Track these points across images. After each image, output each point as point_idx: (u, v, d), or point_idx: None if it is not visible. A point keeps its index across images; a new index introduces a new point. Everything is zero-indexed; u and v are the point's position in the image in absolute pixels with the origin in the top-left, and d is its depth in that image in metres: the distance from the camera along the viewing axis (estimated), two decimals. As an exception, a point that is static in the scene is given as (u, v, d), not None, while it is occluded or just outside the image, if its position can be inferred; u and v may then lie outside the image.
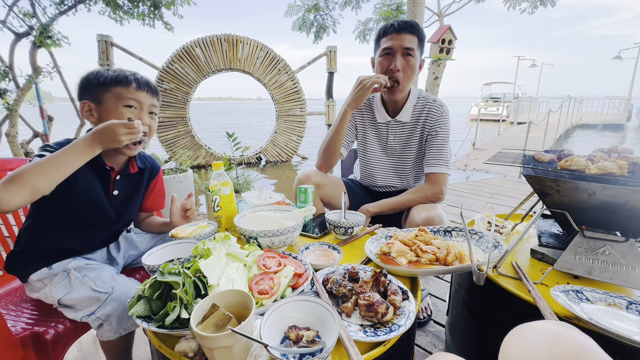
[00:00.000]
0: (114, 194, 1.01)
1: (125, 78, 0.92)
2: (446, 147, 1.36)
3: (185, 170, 2.86)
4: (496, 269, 0.88)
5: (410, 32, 1.26)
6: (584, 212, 0.82)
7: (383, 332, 0.64)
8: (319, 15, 9.57)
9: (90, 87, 0.93)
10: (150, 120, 0.99)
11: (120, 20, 4.65)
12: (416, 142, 1.42)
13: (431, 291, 1.69)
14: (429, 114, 1.38)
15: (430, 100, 1.39)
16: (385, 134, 1.47)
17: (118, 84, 0.92)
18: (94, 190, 0.96)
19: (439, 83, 4.88)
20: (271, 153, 6.61)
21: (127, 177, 1.03)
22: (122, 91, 0.92)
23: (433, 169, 1.35)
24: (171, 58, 5.53)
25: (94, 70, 0.95)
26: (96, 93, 0.92)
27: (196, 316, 0.57)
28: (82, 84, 0.94)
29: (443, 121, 1.37)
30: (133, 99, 0.93)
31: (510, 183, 4.16)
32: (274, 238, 0.93)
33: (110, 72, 0.94)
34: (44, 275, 0.91)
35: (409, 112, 1.40)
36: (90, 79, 0.93)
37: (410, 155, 1.45)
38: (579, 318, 0.65)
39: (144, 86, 0.95)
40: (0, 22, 3.31)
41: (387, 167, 1.51)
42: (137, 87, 0.93)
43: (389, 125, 1.45)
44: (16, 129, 4.12)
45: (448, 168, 1.35)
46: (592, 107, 16.29)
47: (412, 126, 1.41)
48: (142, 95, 0.94)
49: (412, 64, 1.29)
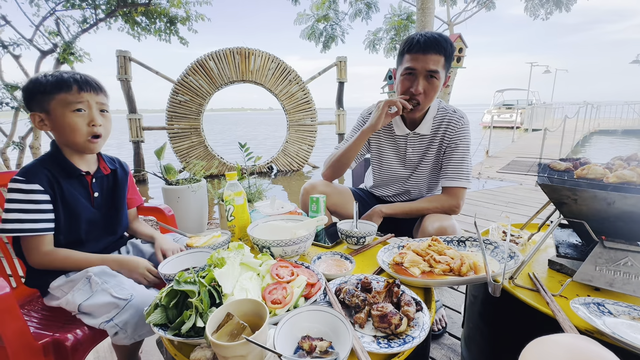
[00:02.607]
0: (94, 196, 1.04)
1: (65, 82, 0.89)
2: (466, 159, 1.33)
3: (199, 180, 2.92)
4: (512, 280, 0.86)
5: (437, 51, 1.17)
6: (603, 221, 0.79)
7: (397, 344, 0.63)
8: (328, 25, 9.73)
9: (33, 97, 0.91)
10: (103, 119, 0.96)
11: (138, 36, 4.83)
12: (434, 153, 1.40)
13: (446, 303, 1.66)
14: (448, 125, 1.35)
15: (450, 111, 1.36)
16: (403, 147, 1.45)
17: (60, 90, 0.89)
18: (78, 196, 0.99)
19: (450, 91, 4.85)
20: (282, 162, 6.67)
21: (101, 179, 1.07)
22: (66, 96, 0.89)
23: (452, 183, 1.31)
24: (186, 71, 5.70)
25: (33, 79, 0.91)
26: (41, 103, 0.90)
27: (211, 325, 0.58)
28: (25, 95, 0.92)
29: (463, 133, 1.33)
30: (79, 101, 0.91)
31: (526, 191, 4.06)
32: (287, 247, 0.94)
33: (49, 77, 0.90)
34: (62, 282, 0.94)
35: (428, 125, 1.37)
36: (31, 89, 0.90)
37: (427, 166, 1.44)
38: (601, 332, 0.63)
39: (86, 86, 0.92)
40: (28, 41, 3.49)
41: (404, 178, 1.50)
42: (78, 88, 0.91)
43: (407, 138, 1.42)
44: (39, 141, 4.29)
45: (468, 182, 1.31)
46: (610, 113, 15.88)
47: (431, 138, 1.39)
48: (87, 96, 0.92)
49: (435, 85, 1.22)
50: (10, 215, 0.87)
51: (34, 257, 0.92)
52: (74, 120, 0.91)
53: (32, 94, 0.91)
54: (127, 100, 5.56)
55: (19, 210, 0.88)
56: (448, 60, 1.22)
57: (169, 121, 5.78)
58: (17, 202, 0.88)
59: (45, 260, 0.93)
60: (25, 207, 0.88)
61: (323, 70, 6.60)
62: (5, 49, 3.28)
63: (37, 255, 0.92)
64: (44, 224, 0.91)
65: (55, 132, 0.95)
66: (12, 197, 0.88)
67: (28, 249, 0.92)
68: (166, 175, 2.84)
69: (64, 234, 0.97)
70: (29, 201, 0.89)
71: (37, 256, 0.92)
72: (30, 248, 0.92)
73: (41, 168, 0.93)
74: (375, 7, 9.36)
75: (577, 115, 8.67)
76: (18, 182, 0.89)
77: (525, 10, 8.58)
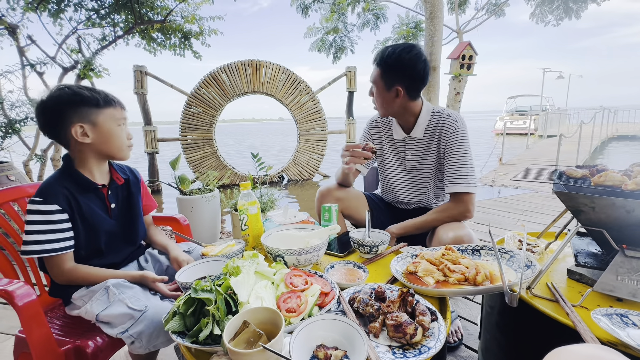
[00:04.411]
0: (112, 207, 1.07)
1: (112, 99, 1.02)
2: (465, 163, 1.30)
3: (212, 190, 2.97)
4: (530, 290, 0.84)
5: (376, 63, 1.33)
6: (623, 230, 0.78)
7: (412, 354, 0.63)
8: (337, 37, 9.88)
9: (76, 109, 0.96)
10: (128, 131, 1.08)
11: (154, 51, 5.02)
12: (433, 158, 1.41)
13: (461, 314, 1.62)
14: (442, 129, 1.35)
15: (444, 115, 1.36)
16: (402, 151, 1.48)
17: (109, 105, 1.00)
18: (96, 209, 1.03)
19: (460, 98, 4.83)
20: (293, 172, 6.72)
21: (116, 190, 1.10)
22: (114, 112, 1.01)
23: (453, 189, 1.30)
24: (199, 84, 5.86)
25: (75, 93, 0.96)
26: (88, 115, 0.96)
27: (228, 332, 0.59)
28: (60, 106, 0.95)
29: (458, 136, 1.32)
30: (122, 117, 1.04)
31: (542, 199, 3.97)
32: (300, 256, 0.95)
33: (97, 94, 0.99)
34: (83, 293, 0.97)
35: (421, 129, 1.39)
36: (76, 101, 0.95)
37: (429, 171, 1.44)
38: (625, 344, 0.61)
39: (122, 104, 1.06)
40: (51, 59, 3.67)
41: (407, 183, 1.51)
42: (121, 107, 1.04)
43: (405, 142, 1.46)
44: (60, 153, 4.46)
45: (469, 186, 1.28)
46: (629, 117, 15.42)
47: (427, 142, 1.40)
48: (124, 113, 1.06)
49: (378, 94, 1.35)
50: (31, 237, 0.91)
51: (56, 274, 0.97)
52: (119, 133, 1.02)
53: (75, 105, 0.96)
54: (143, 113, 5.73)
55: (39, 232, 0.91)
56: (387, 72, 1.29)
57: (182, 132, 5.92)
58: (36, 224, 0.92)
59: (67, 277, 0.97)
60: (45, 227, 0.92)
61: (333, 80, 6.67)
62: (32, 67, 3.45)
63: (60, 273, 0.96)
64: (64, 242, 0.94)
65: (98, 142, 1.00)
66: (32, 219, 0.92)
67: (50, 267, 0.96)
68: (180, 186, 2.90)
69: (84, 248, 1.00)
70: (48, 222, 0.92)
71: (59, 273, 0.96)
72: (52, 266, 0.95)
73: (58, 187, 0.96)
74: (383, 17, 9.46)
75: (593, 121, 8.47)
76: (36, 203, 0.92)
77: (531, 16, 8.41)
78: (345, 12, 9.32)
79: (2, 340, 1.57)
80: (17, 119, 3.13)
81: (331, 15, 9.36)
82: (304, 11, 9.04)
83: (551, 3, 7.68)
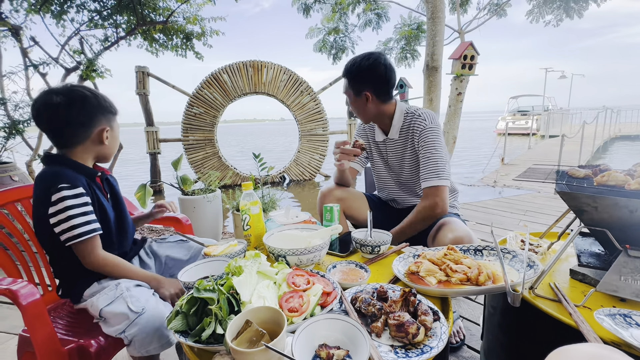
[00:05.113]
0: (108, 196, 1.09)
1: (115, 107, 1.08)
2: (434, 157, 1.31)
3: (214, 190, 2.97)
4: (533, 290, 0.84)
5: (343, 75, 1.41)
6: (626, 230, 0.77)
7: (415, 354, 0.63)
8: (338, 37, 9.88)
9: (104, 111, 1.02)
10: None
11: (156, 52, 5.03)
12: (412, 157, 1.43)
13: (463, 314, 1.62)
14: (414, 129, 1.37)
15: (416, 115, 1.39)
16: (385, 152, 1.53)
17: (116, 113, 1.07)
18: (102, 197, 1.04)
19: (462, 99, 4.82)
20: (295, 172, 6.72)
21: (106, 180, 1.12)
22: (116, 118, 1.08)
23: (425, 184, 1.33)
24: (201, 84, 5.87)
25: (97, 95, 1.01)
26: (109, 120, 1.05)
27: (231, 332, 0.59)
28: (98, 109, 1.00)
29: (427, 134, 1.33)
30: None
31: (545, 199, 3.96)
32: (302, 256, 0.95)
33: (106, 99, 1.04)
34: (95, 289, 0.98)
35: (396, 130, 1.43)
36: (105, 107, 1.02)
37: (411, 171, 1.46)
38: (628, 344, 0.61)
39: None
40: (54, 60, 3.69)
41: (394, 183, 1.56)
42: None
43: (386, 144, 1.50)
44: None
45: (441, 179, 1.29)
46: (631, 117, 15.35)
47: (402, 143, 1.44)
48: None
49: (351, 102, 1.42)
50: (79, 219, 0.91)
51: (93, 257, 0.95)
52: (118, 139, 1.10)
53: (103, 110, 1.02)
54: (145, 114, 5.75)
55: (82, 214, 0.92)
56: (353, 81, 1.37)
57: (184, 133, 5.94)
58: (77, 207, 0.91)
59: (101, 261, 0.96)
60: (85, 209, 0.93)
61: (334, 81, 6.67)
62: (35, 68, 3.47)
63: (95, 257, 0.95)
64: (97, 224, 0.96)
65: (109, 145, 1.05)
66: (72, 204, 0.90)
67: (90, 251, 0.94)
68: (182, 186, 2.91)
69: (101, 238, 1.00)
70: (85, 204, 0.93)
71: (94, 257, 0.95)
72: (89, 250, 0.94)
73: (74, 173, 0.96)
74: (385, 16, 9.45)
75: (596, 121, 8.44)
76: (65, 189, 0.91)
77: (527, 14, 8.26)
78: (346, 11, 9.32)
79: (5, 340, 1.58)
80: (21, 119, 3.14)
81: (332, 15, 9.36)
82: (305, 11, 9.04)
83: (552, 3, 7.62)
